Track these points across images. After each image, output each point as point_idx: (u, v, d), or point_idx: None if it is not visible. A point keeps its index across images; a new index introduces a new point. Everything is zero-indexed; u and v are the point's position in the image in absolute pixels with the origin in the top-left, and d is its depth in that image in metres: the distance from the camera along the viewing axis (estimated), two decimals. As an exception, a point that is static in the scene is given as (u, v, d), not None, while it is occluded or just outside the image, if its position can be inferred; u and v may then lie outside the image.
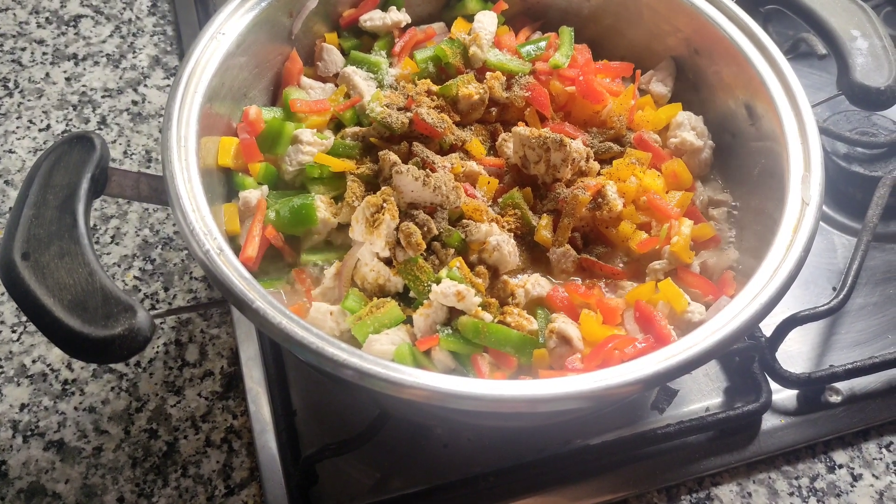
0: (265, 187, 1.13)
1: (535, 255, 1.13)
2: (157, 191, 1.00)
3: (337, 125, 1.21)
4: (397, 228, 1.03)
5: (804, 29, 1.49)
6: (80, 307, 0.83)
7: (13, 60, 1.57)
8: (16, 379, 1.19)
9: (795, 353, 1.27)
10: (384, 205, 1.03)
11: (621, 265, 1.13)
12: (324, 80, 1.26)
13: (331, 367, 0.86)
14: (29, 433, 1.15)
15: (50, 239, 0.88)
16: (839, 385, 1.23)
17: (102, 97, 1.52)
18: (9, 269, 0.85)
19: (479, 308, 1.00)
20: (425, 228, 1.04)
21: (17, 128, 1.47)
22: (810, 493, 1.16)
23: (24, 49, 1.59)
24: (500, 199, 1.14)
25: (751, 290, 0.94)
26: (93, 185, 0.94)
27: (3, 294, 1.27)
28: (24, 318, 1.25)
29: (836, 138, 1.45)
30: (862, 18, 1.20)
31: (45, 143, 1.45)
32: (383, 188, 1.06)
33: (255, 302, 0.88)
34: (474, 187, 1.13)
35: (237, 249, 1.06)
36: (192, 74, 1.05)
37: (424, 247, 1.03)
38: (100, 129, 1.48)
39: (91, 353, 0.82)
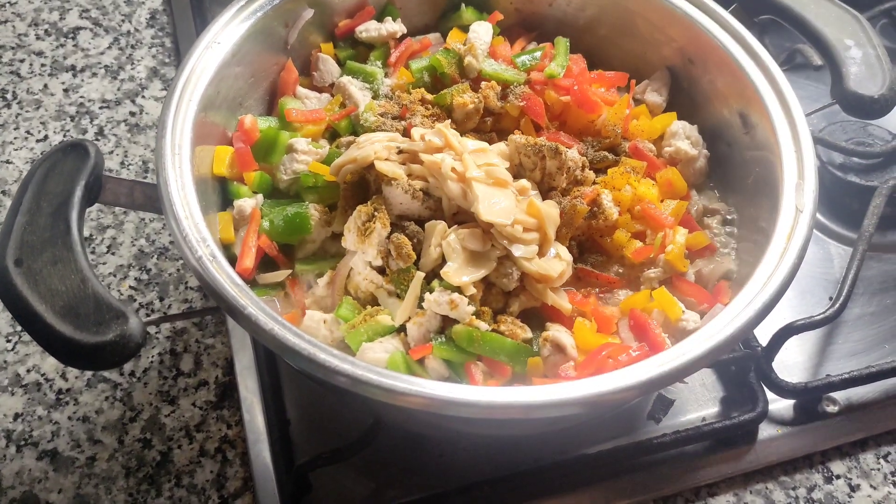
0: (260, 196, 1.13)
1: (530, 264, 1.13)
2: (151, 198, 1.00)
3: (332, 134, 1.21)
4: (389, 237, 1.04)
5: (799, 40, 1.50)
6: (71, 313, 0.83)
7: (12, 72, 1.57)
8: (10, 388, 1.19)
9: (792, 363, 1.26)
10: (375, 213, 1.03)
11: (616, 274, 1.13)
12: (319, 89, 1.26)
13: (323, 374, 0.85)
14: (22, 442, 1.14)
15: (43, 246, 0.88)
16: (836, 395, 1.22)
17: (100, 108, 1.53)
18: (1, 275, 0.85)
19: (474, 317, 1.00)
20: (415, 240, 1.04)
21: (15, 138, 1.48)
22: (808, 504, 1.16)
23: (22, 60, 1.59)
24: (494, 208, 1.13)
25: (745, 297, 0.94)
26: (87, 192, 0.94)
27: (-2, 304, 1.27)
28: (19, 328, 1.25)
29: (831, 148, 1.45)
30: (856, 28, 1.20)
31: (42, 153, 1.46)
32: (374, 197, 1.06)
33: (247, 308, 0.87)
34: (468, 196, 1.13)
35: (231, 258, 1.05)
36: (188, 83, 1.06)
37: (415, 258, 1.03)
38: (97, 139, 1.48)
39: (82, 359, 0.82)
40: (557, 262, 1.05)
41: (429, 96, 1.19)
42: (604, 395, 0.86)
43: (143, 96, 1.56)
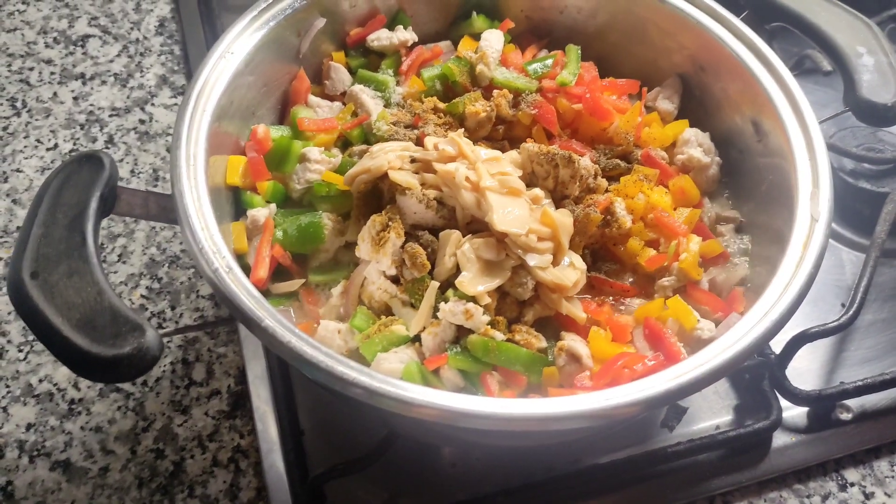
0: (273, 205, 1.13)
1: (544, 273, 1.12)
2: (165, 209, 1.00)
3: (344, 143, 1.21)
4: (403, 247, 1.03)
5: (809, 45, 1.49)
6: (88, 326, 0.82)
7: (21, 80, 1.57)
8: (22, 398, 1.19)
9: (805, 370, 1.26)
10: (389, 223, 1.03)
11: (630, 282, 1.12)
12: (331, 98, 1.26)
13: (340, 386, 0.85)
14: (35, 453, 1.14)
15: (59, 258, 0.88)
16: (850, 402, 1.22)
17: (110, 116, 1.53)
18: (18, 287, 0.85)
19: (489, 326, 1.00)
20: (430, 249, 1.04)
21: (25, 147, 1.48)
22: (822, 512, 1.15)
23: (31, 69, 1.59)
24: (507, 217, 1.13)
25: (761, 307, 0.93)
26: (102, 203, 0.94)
27: (9, 313, 1.27)
28: (30, 338, 1.25)
29: (842, 154, 1.45)
30: (867, 35, 1.20)
31: (52, 162, 1.46)
32: (388, 206, 1.06)
33: (264, 321, 0.87)
34: (481, 205, 1.13)
35: (245, 268, 1.05)
36: (201, 93, 1.06)
37: (429, 267, 1.03)
38: (107, 147, 1.48)
39: (99, 372, 0.82)
40: (571, 270, 1.04)
41: (441, 105, 1.19)
42: (622, 408, 0.85)
43: (153, 104, 1.56)
